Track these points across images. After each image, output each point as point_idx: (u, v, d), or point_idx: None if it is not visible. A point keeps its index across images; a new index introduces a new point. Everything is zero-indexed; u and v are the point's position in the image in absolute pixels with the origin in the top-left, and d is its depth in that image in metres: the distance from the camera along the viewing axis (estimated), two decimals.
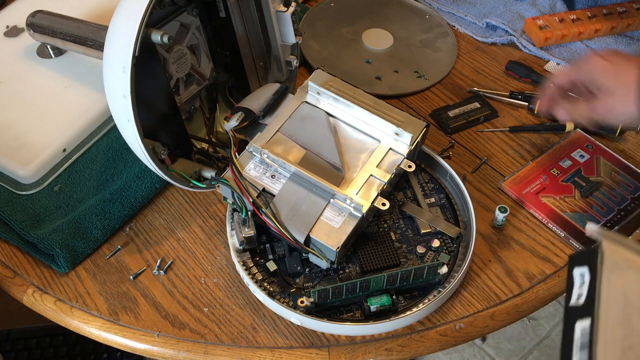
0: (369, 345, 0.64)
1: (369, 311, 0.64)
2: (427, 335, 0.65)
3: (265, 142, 0.69)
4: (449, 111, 0.85)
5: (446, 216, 0.73)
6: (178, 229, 0.74)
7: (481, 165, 0.80)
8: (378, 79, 0.91)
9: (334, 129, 0.71)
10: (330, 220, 0.64)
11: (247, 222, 0.66)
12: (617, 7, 0.95)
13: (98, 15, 0.91)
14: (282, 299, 0.65)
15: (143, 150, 0.62)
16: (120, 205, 0.73)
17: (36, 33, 0.84)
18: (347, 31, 0.98)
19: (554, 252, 0.72)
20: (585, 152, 0.80)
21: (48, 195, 0.75)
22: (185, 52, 0.71)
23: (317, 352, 0.64)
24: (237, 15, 0.74)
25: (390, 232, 0.71)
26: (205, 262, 0.71)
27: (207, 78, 0.77)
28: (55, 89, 0.83)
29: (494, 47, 0.96)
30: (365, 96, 0.73)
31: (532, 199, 0.75)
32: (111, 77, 0.61)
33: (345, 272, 0.68)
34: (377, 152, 0.69)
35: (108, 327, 0.66)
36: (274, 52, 0.79)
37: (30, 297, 0.69)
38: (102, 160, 0.79)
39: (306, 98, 0.73)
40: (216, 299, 0.68)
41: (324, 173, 0.67)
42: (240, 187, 0.65)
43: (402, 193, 0.75)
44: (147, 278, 0.70)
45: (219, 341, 0.65)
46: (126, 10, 0.60)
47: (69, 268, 0.70)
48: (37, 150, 0.76)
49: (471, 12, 0.99)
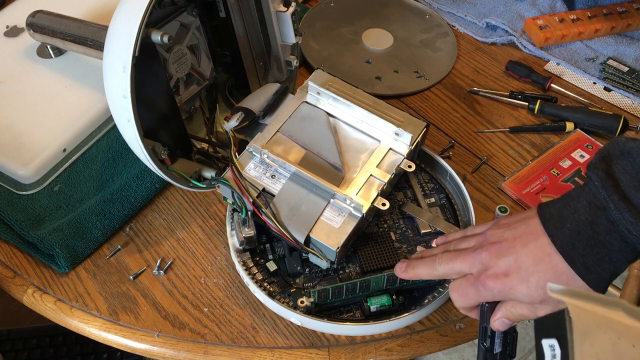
0: (369, 346, 0.64)
1: (369, 311, 0.64)
2: (427, 335, 0.65)
3: (265, 142, 0.69)
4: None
5: (446, 216, 0.73)
6: (178, 229, 0.74)
7: (481, 165, 0.80)
8: (378, 79, 0.91)
9: (334, 129, 0.71)
10: (330, 221, 0.64)
11: (247, 222, 0.66)
12: (617, 7, 0.95)
13: (98, 15, 0.91)
14: (282, 299, 0.65)
15: (143, 150, 0.62)
16: (120, 205, 0.73)
17: (36, 33, 0.83)
18: (347, 31, 0.98)
19: None
20: (585, 152, 0.80)
21: (48, 195, 0.75)
22: (185, 52, 0.71)
23: (317, 352, 0.64)
24: (237, 15, 0.74)
25: (390, 232, 0.71)
26: (205, 262, 0.71)
27: (207, 78, 0.77)
28: (55, 89, 0.83)
29: (494, 47, 0.96)
30: (365, 96, 0.73)
31: (532, 199, 0.75)
32: (111, 77, 0.61)
33: (345, 272, 0.68)
34: (377, 152, 0.69)
35: (108, 327, 0.66)
36: (274, 52, 0.79)
37: (30, 297, 0.69)
38: (102, 160, 0.79)
39: (306, 98, 0.73)
40: (216, 299, 0.68)
41: (324, 173, 0.67)
42: (240, 187, 0.65)
43: (402, 193, 0.75)
44: (147, 278, 0.70)
45: (219, 341, 0.65)
46: (126, 10, 0.60)
47: (69, 268, 0.70)
48: (37, 150, 0.76)
49: (471, 12, 0.99)
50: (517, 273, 0.50)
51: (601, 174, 0.48)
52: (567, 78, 0.91)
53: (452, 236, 0.61)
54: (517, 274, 0.50)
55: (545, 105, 0.84)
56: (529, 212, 0.53)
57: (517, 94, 0.87)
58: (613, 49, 0.93)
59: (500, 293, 0.51)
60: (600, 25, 0.93)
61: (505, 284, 0.51)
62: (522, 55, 0.94)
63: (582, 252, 0.48)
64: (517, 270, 0.50)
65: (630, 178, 0.47)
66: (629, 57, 0.91)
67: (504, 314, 0.53)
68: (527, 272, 0.50)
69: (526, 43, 0.94)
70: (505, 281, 0.51)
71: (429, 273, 0.57)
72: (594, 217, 0.48)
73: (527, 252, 0.50)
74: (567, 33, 0.92)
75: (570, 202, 0.50)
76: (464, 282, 0.54)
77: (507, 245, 0.52)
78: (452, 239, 0.59)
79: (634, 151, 0.47)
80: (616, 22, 0.93)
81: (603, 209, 0.47)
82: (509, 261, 0.51)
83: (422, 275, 0.58)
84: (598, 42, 0.94)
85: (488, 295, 0.52)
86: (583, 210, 0.48)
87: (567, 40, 0.93)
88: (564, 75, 0.91)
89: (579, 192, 0.49)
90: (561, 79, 0.91)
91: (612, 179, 0.47)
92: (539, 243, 0.50)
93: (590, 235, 0.48)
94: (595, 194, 0.48)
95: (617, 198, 0.46)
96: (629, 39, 0.94)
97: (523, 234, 0.51)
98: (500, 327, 0.54)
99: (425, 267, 0.57)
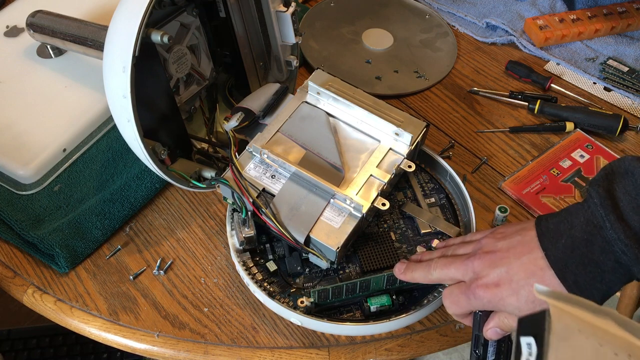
0: (369, 346, 0.64)
1: (369, 311, 0.64)
2: (427, 335, 0.65)
3: (265, 142, 0.69)
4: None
5: (446, 216, 0.73)
6: (178, 229, 0.74)
7: (481, 165, 0.80)
8: (378, 79, 0.91)
9: (334, 129, 0.71)
10: (330, 221, 0.64)
11: (247, 222, 0.66)
12: (617, 7, 0.95)
13: (98, 15, 0.91)
14: (282, 299, 0.65)
15: (143, 150, 0.62)
16: (120, 205, 0.73)
17: (36, 33, 0.83)
18: (347, 31, 0.98)
19: None
20: (585, 152, 0.80)
21: (48, 195, 0.75)
22: (185, 52, 0.71)
23: (317, 352, 0.64)
24: (237, 15, 0.74)
25: (390, 232, 0.71)
26: (205, 262, 0.71)
27: (207, 78, 0.77)
28: (55, 89, 0.83)
29: (494, 47, 0.96)
30: (365, 96, 0.73)
31: (532, 199, 0.75)
32: (111, 77, 0.61)
33: (345, 272, 0.68)
34: (377, 152, 0.69)
35: (108, 327, 0.66)
36: (274, 52, 0.79)
37: (30, 297, 0.69)
38: (102, 160, 0.79)
39: (306, 98, 0.73)
40: (216, 299, 0.68)
41: (324, 173, 0.67)
42: (240, 187, 0.65)
43: (402, 193, 0.75)
44: (147, 278, 0.70)
45: (219, 341, 0.65)
46: (126, 10, 0.60)
47: (69, 268, 0.70)
48: (37, 150, 0.76)
49: (471, 12, 0.99)
50: (509, 285, 0.50)
51: (602, 191, 0.47)
52: (567, 78, 0.91)
53: (452, 241, 0.60)
54: (508, 286, 0.50)
55: (545, 105, 0.84)
56: (526, 223, 0.53)
57: (517, 94, 0.87)
58: (613, 49, 0.93)
59: (491, 303, 0.51)
60: (600, 25, 0.93)
61: (496, 295, 0.51)
62: (522, 55, 0.94)
63: (575, 270, 0.48)
64: (509, 282, 0.50)
65: (630, 199, 0.46)
66: (629, 57, 0.91)
67: (497, 324, 0.53)
68: (518, 285, 0.50)
69: (526, 43, 0.94)
70: (495, 292, 0.51)
71: (424, 277, 0.58)
72: (590, 235, 0.47)
73: (520, 264, 0.50)
74: (567, 33, 0.92)
75: (568, 217, 0.49)
76: (455, 290, 0.54)
77: (501, 256, 0.51)
78: (451, 244, 0.59)
79: (637, 172, 0.47)
80: (616, 22, 0.93)
81: (599, 228, 0.47)
82: (501, 272, 0.51)
83: (418, 279, 0.58)
84: (598, 42, 0.94)
85: (478, 304, 0.52)
86: (579, 227, 0.48)
87: (567, 40, 0.93)
88: (564, 75, 0.91)
89: (578, 208, 0.49)
90: (561, 79, 0.91)
91: (611, 198, 0.47)
92: (532, 256, 0.50)
93: (584, 253, 0.47)
94: (594, 212, 0.47)
95: (614, 218, 0.46)
96: (629, 39, 0.94)
97: (518, 245, 0.51)
98: (493, 336, 0.53)
99: (422, 271, 0.58)
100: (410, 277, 0.59)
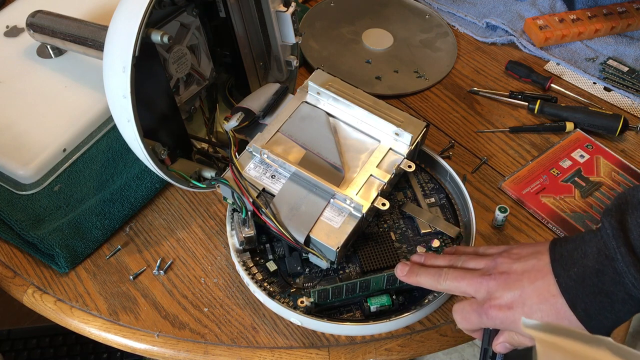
0: (369, 345, 0.64)
1: (369, 311, 0.64)
2: (427, 335, 0.65)
3: (265, 142, 0.69)
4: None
5: (446, 216, 0.73)
6: (178, 229, 0.74)
7: (481, 165, 0.80)
8: (378, 79, 0.91)
9: (334, 129, 0.71)
10: (330, 221, 0.64)
11: (247, 222, 0.66)
12: (617, 7, 0.95)
13: (98, 15, 0.91)
14: (282, 299, 0.65)
15: (143, 150, 0.62)
16: (120, 205, 0.73)
17: (36, 33, 0.83)
18: (347, 31, 0.98)
19: None
20: (585, 152, 0.80)
21: (48, 195, 0.75)
22: (185, 52, 0.71)
23: (317, 352, 0.64)
24: (237, 15, 0.74)
25: (390, 232, 0.71)
26: (205, 262, 0.71)
27: (207, 78, 0.77)
28: (55, 89, 0.83)
29: (494, 47, 0.96)
30: (365, 96, 0.73)
31: (532, 199, 0.75)
32: (111, 77, 0.61)
33: (345, 272, 0.68)
34: (377, 152, 0.69)
35: (108, 327, 0.66)
36: (274, 52, 0.79)
37: (30, 297, 0.69)
38: (102, 160, 0.79)
39: (306, 98, 0.73)
40: (216, 299, 0.68)
41: (324, 173, 0.67)
42: (240, 187, 0.65)
43: (402, 193, 0.75)
44: (147, 278, 0.70)
45: (219, 341, 0.65)
46: (126, 10, 0.60)
47: (69, 268, 0.70)
48: (37, 150, 0.76)
49: (471, 12, 0.99)
50: (521, 308, 0.50)
51: (614, 222, 0.47)
52: (567, 78, 0.91)
53: (462, 249, 0.60)
54: (520, 309, 0.51)
55: (545, 105, 0.84)
56: (542, 245, 0.53)
57: (517, 94, 0.87)
58: (613, 49, 0.93)
59: (503, 324, 0.52)
60: (600, 25, 0.93)
61: (508, 317, 0.51)
62: (522, 55, 0.94)
63: (585, 299, 0.48)
64: (521, 305, 0.51)
65: None
66: (629, 57, 0.91)
67: (506, 339, 0.54)
68: (530, 309, 0.50)
69: (526, 43, 0.94)
70: (508, 313, 0.51)
71: (432, 285, 0.58)
72: (602, 266, 0.48)
73: (534, 289, 0.50)
74: (567, 33, 0.92)
75: (582, 245, 0.50)
76: (467, 307, 0.54)
77: (515, 278, 0.52)
78: (461, 253, 0.59)
79: None
80: (616, 22, 0.93)
81: (611, 259, 0.47)
82: (514, 295, 0.51)
83: (425, 285, 0.58)
84: (598, 42, 0.94)
85: (490, 323, 0.53)
86: (592, 257, 0.48)
87: (567, 40, 0.93)
88: (564, 75, 0.91)
89: (592, 237, 0.49)
90: (561, 79, 0.91)
91: (624, 229, 0.47)
92: (545, 282, 0.50)
93: (595, 283, 0.48)
94: (606, 242, 0.48)
95: (625, 250, 0.46)
96: (629, 39, 0.94)
97: (532, 270, 0.51)
98: (502, 350, 0.54)
99: (430, 278, 0.57)
100: (415, 281, 0.59)
